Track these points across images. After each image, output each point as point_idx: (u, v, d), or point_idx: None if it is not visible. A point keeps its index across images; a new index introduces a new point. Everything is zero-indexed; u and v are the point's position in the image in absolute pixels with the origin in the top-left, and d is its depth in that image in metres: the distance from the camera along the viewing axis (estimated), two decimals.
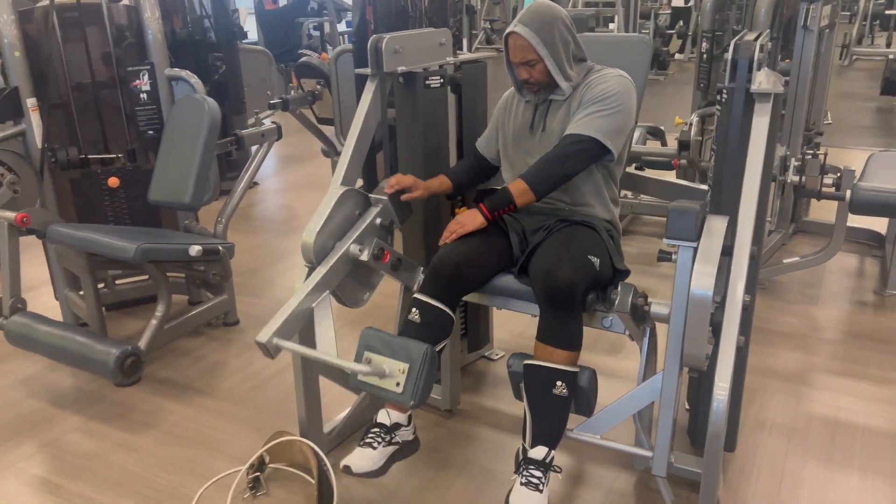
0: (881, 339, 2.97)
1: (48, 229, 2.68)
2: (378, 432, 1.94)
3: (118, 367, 2.46)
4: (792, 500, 2.09)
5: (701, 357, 1.55)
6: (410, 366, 1.76)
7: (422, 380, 1.75)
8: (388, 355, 1.80)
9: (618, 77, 2.00)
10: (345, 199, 2.02)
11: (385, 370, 1.78)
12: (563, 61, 1.99)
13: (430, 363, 1.77)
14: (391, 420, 1.95)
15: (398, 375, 1.76)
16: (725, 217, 1.61)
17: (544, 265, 1.80)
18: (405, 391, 1.75)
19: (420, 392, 1.75)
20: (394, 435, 1.95)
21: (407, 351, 1.78)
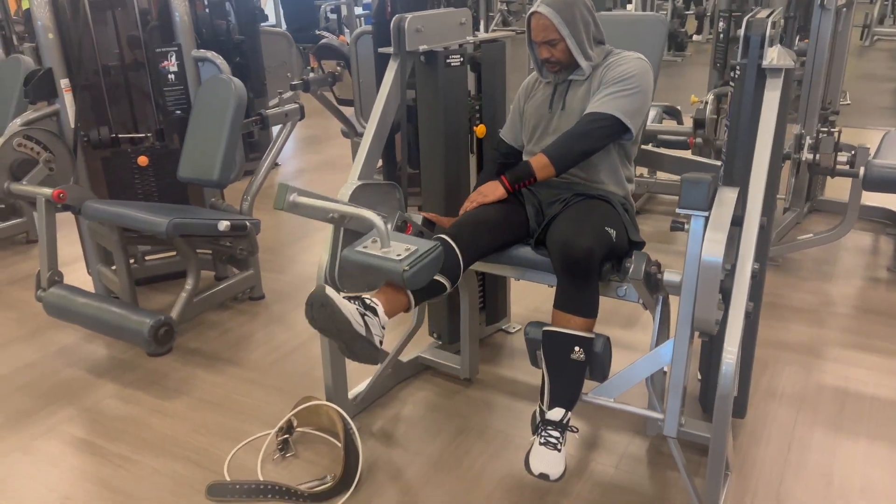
0: (892, 314, 3.02)
1: (83, 205, 2.79)
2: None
3: (152, 336, 2.57)
4: (800, 464, 2.16)
5: (711, 322, 1.63)
6: (417, 248, 1.79)
7: (423, 261, 1.75)
8: (397, 240, 1.83)
9: (637, 59, 2.07)
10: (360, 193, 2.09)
11: (391, 246, 1.79)
12: (584, 41, 2.06)
13: (437, 256, 1.79)
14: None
15: (402, 251, 1.77)
16: (736, 188, 1.68)
17: (563, 235, 1.88)
18: (403, 261, 1.74)
19: (417, 266, 1.73)
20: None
21: (417, 242, 1.82)
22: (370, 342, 1.75)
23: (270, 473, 2.21)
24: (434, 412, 2.49)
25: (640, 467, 2.19)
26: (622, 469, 2.18)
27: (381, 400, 2.56)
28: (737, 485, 2.09)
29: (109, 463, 2.28)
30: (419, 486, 2.13)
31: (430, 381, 2.67)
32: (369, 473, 2.19)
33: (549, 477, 1.83)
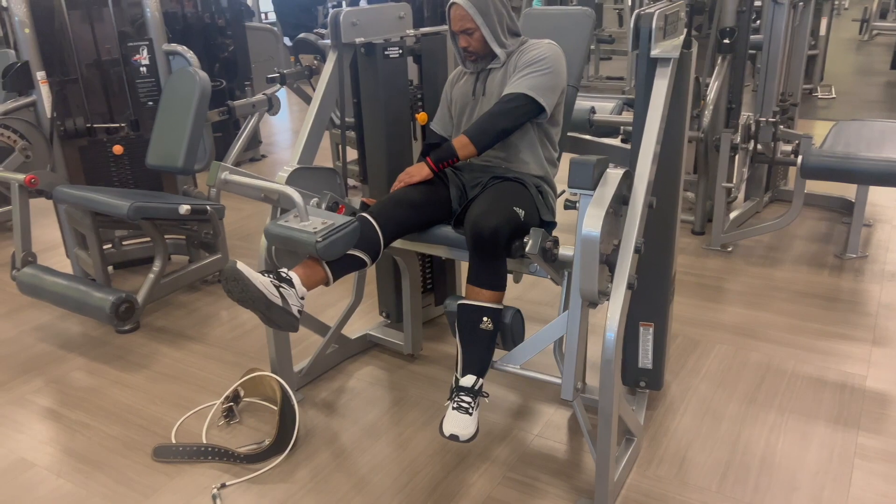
0: (830, 297, 3.13)
1: (54, 190, 2.97)
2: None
3: (113, 312, 2.74)
4: (710, 433, 2.29)
5: (594, 291, 1.75)
6: (333, 222, 1.95)
7: (337, 234, 1.91)
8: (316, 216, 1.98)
9: (548, 44, 2.21)
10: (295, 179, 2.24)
11: (309, 220, 1.94)
12: (498, 31, 2.20)
13: (352, 230, 1.95)
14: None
15: (318, 225, 1.92)
16: (621, 169, 1.80)
17: (473, 215, 2.01)
18: (317, 233, 1.89)
19: (330, 239, 1.89)
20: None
21: (334, 217, 1.97)
22: (286, 311, 1.90)
23: (214, 438, 2.37)
24: (375, 385, 2.63)
25: (560, 434, 2.33)
26: (542, 436, 2.32)
27: (329, 374, 2.72)
28: (646, 451, 2.22)
29: (68, 429, 2.45)
30: (350, 450, 2.28)
31: (376, 357, 2.82)
32: (306, 438, 2.34)
33: (458, 438, 1.97)
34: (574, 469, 2.17)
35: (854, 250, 3.48)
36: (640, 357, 2.34)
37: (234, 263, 1.84)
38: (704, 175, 3.80)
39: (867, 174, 3.01)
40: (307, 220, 1.96)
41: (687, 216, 3.99)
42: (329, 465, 2.22)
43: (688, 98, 2.07)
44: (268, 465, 2.22)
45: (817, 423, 2.31)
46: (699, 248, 3.69)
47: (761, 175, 4.09)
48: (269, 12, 12.00)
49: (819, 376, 2.56)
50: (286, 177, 2.27)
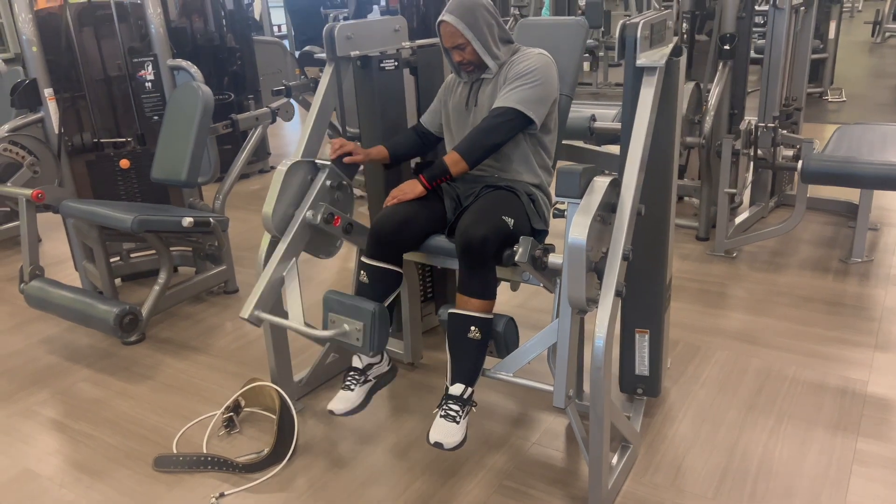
0: (834, 301, 3.11)
1: (61, 204, 3.02)
2: (353, 375, 2.24)
3: (117, 324, 2.78)
4: (708, 439, 2.28)
5: (581, 298, 1.76)
6: (364, 324, 2.10)
7: (375, 333, 2.10)
8: (346, 315, 2.14)
9: (538, 55, 2.22)
10: (294, 170, 2.29)
11: (346, 329, 2.14)
12: (489, 42, 2.22)
13: (380, 319, 2.11)
14: (363, 362, 2.24)
15: (357, 332, 2.12)
16: (609, 177, 1.81)
17: (463, 225, 2.03)
18: (364, 344, 2.11)
19: (376, 342, 2.12)
20: (367, 375, 2.24)
21: (359, 311, 2.11)
22: (388, 378, 2.34)
23: (215, 448, 2.39)
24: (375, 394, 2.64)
25: (557, 442, 2.33)
26: (540, 444, 2.32)
27: (329, 383, 2.74)
28: (642, 458, 2.22)
29: (72, 439, 2.49)
30: (348, 459, 2.30)
31: None
32: (305, 447, 2.36)
33: (443, 446, 1.98)
34: (571, 477, 2.17)
35: (859, 254, 3.46)
36: (636, 364, 2.35)
37: (332, 411, 2.17)
38: (707, 181, 3.79)
39: (868, 178, 2.99)
40: (347, 333, 2.14)
41: (691, 222, 3.99)
42: (326, 473, 2.24)
43: (677, 105, 2.08)
44: (266, 474, 2.24)
45: (816, 429, 2.30)
46: (703, 254, 3.68)
47: (766, 180, 4.08)
48: (280, 24, 12.17)
49: (820, 382, 2.55)
50: (285, 170, 2.30)
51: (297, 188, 2.32)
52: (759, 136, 3.13)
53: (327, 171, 2.33)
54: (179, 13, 5.28)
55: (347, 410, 2.19)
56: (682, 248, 3.76)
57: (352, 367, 2.25)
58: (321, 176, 2.32)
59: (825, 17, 6.74)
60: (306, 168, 2.34)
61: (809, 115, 6.28)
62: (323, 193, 2.33)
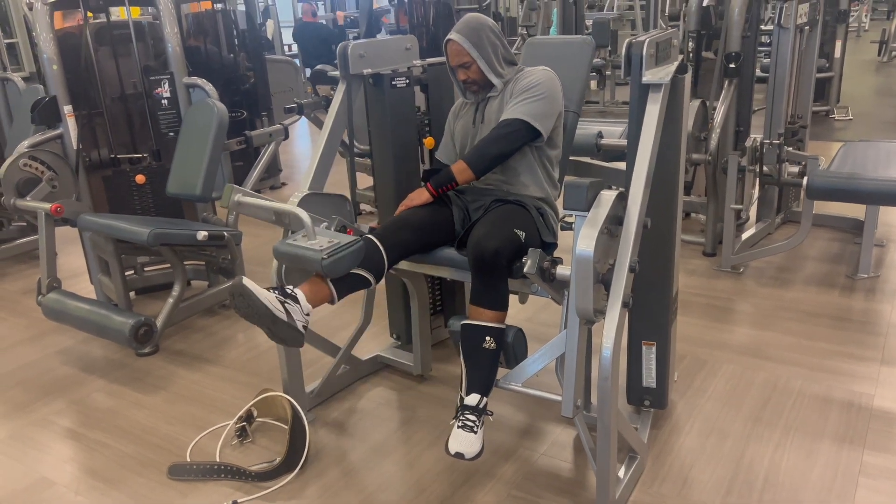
0: (840, 317, 3.13)
1: (79, 218, 3.09)
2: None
3: (133, 335, 2.84)
4: (714, 451, 2.31)
5: (588, 309, 1.80)
6: (338, 241, 2.03)
7: (342, 252, 1.99)
8: None
9: (542, 71, 2.29)
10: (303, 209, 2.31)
11: (316, 239, 2.04)
12: (493, 61, 2.29)
13: (356, 250, 2.03)
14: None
15: (324, 244, 2.01)
16: (615, 191, 1.86)
17: (475, 238, 2.08)
18: (322, 251, 1.98)
19: (335, 256, 1.97)
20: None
21: (341, 237, 2.06)
22: (291, 326, 1.97)
23: (228, 457, 2.43)
24: (385, 405, 2.69)
25: (566, 453, 2.36)
26: (548, 454, 2.35)
27: (340, 394, 2.78)
28: (649, 469, 2.24)
29: (87, 448, 2.53)
30: (359, 468, 2.33)
31: (387, 377, 2.88)
32: (316, 457, 2.40)
33: (464, 456, 2.01)
34: (578, 487, 2.19)
35: (865, 270, 3.48)
36: (643, 376, 2.38)
37: (241, 279, 1.92)
38: (714, 197, 3.83)
39: (873, 194, 3.02)
40: (314, 240, 2.04)
41: (698, 238, 4.02)
42: (338, 482, 2.27)
43: (683, 121, 2.13)
44: (278, 482, 2.27)
45: (823, 442, 2.32)
46: (710, 270, 3.71)
47: (772, 197, 4.11)
48: (291, 44, 12.32)
49: (826, 395, 2.57)
50: (297, 202, 2.35)
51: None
52: (764, 153, 3.17)
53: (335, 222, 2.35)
54: (194, 32, 5.39)
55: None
56: (689, 264, 3.79)
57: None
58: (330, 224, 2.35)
59: (831, 37, 6.80)
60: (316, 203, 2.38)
61: (816, 132, 6.32)
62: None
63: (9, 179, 3.16)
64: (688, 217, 4.40)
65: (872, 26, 15.12)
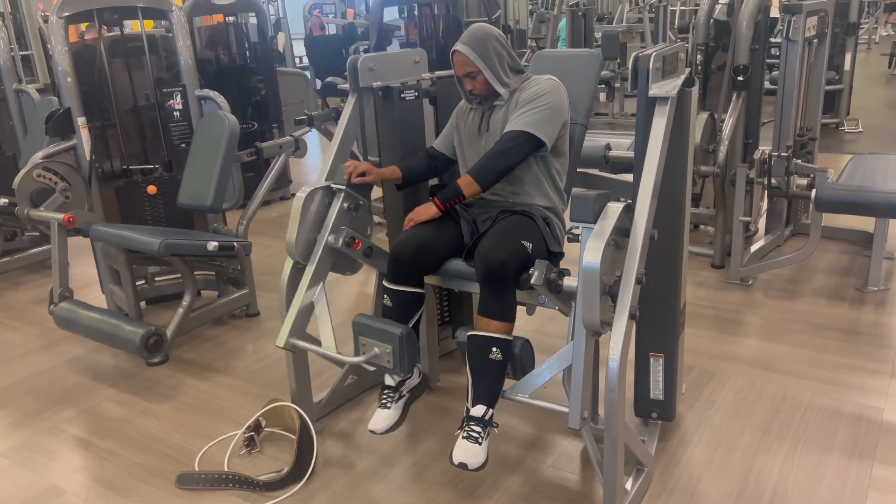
0: (850, 330, 3.12)
1: (91, 228, 3.12)
2: (388, 394, 2.31)
3: (143, 345, 2.86)
4: (722, 463, 2.30)
5: (595, 321, 1.81)
6: (393, 347, 2.19)
7: (405, 354, 2.20)
8: (375, 338, 2.22)
9: (547, 80, 2.31)
10: (312, 197, 2.38)
11: (377, 352, 2.22)
12: (499, 71, 2.31)
13: (408, 340, 2.20)
14: (395, 380, 2.32)
15: (387, 355, 2.20)
16: (622, 203, 1.87)
17: (483, 249, 2.09)
18: (394, 365, 2.20)
19: (406, 363, 2.21)
20: (401, 391, 2.33)
21: (387, 335, 2.19)
22: (418, 392, 2.41)
23: (236, 466, 2.44)
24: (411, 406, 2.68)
25: (573, 465, 2.35)
26: (555, 466, 2.35)
27: (348, 404, 2.79)
28: (657, 482, 2.24)
29: (97, 457, 2.55)
30: (366, 478, 2.34)
31: None
32: (324, 467, 2.41)
33: (467, 466, 2.02)
34: (585, 500, 2.19)
35: (875, 283, 3.47)
36: (651, 388, 2.37)
37: (373, 431, 2.27)
38: (722, 209, 3.83)
39: (883, 207, 3.02)
40: (377, 356, 2.23)
41: (706, 250, 4.02)
42: (345, 492, 2.27)
43: (690, 134, 2.14)
44: (286, 492, 2.28)
45: (832, 455, 2.30)
46: (718, 282, 3.71)
47: (781, 209, 4.11)
48: (302, 57, 12.42)
49: (835, 408, 2.56)
50: (304, 197, 2.38)
51: (316, 213, 2.40)
52: (772, 165, 3.18)
53: (343, 195, 2.40)
54: (206, 45, 5.45)
55: (387, 428, 2.27)
56: (698, 276, 3.79)
57: (385, 386, 2.33)
58: (338, 199, 2.40)
59: (841, 49, 6.80)
60: (323, 193, 2.42)
61: (826, 145, 6.31)
62: (341, 216, 2.41)
63: (23, 190, 3.21)
64: (696, 229, 4.39)
65: (883, 39, 15.08)
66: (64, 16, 3.27)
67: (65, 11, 3.27)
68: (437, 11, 5.50)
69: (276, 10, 12.29)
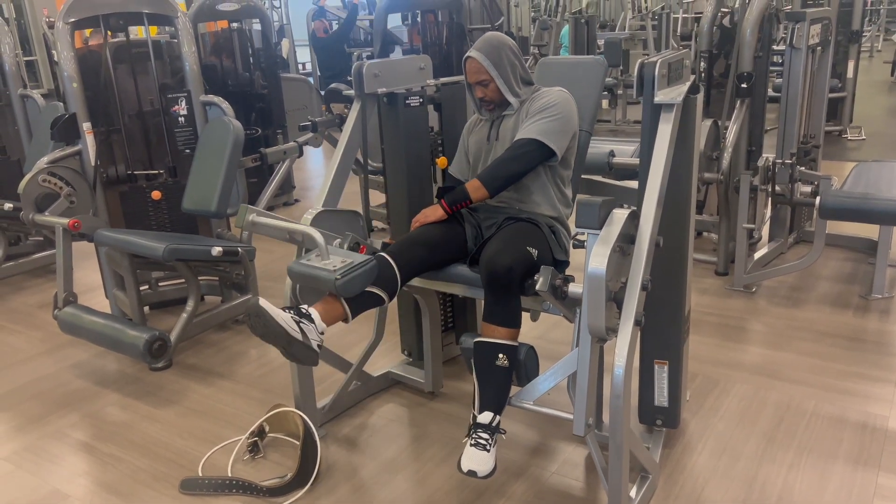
0: (854, 337, 3.11)
1: (95, 233, 3.13)
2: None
3: (147, 350, 2.86)
4: (727, 471, 2.29)
5: (601, 327, 1.80)
6: (352, 260, 2.05)
7: (355, 271, 2.01)
8: None
9: (558, 91, 2.32)
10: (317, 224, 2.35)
11: (329, 259, 2.06)
12: (511, 80, 2.32)
13: (369, 269, 2.05)
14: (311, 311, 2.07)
15: (338, 264, 2.02)
16: (627, 209, 1.87)
17: (488, 255, 2.09)
18: (336, 271, 1.99)
19: (348, 276, 1.99)
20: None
21: (354, 256, 2.09)
22: (306, 345, 1.99)
23: (239, 472, 2.44)
24: (396, 422, 2.69)
25: (577, 472, 2.35)
26: (560, 473, 2.34)
27: (351, 410, 2.78)
28: (661, 489, 2.23)
29: (100, 461, 2.55)
30: (369, 484, 2.34)
31: (398, 394, 2.88)
32: (327, 472, 2.40)
33: (476, 474, 2.02)
34: None
35: (879, 291, 3.46)
36: (655, 395, 2.37)
37: (257, 300, 1.94)
38: (726, 216, 3.83)
39: (887, 214, 3.02)
40: (328, 259, 2.06)
41: (710, 257, 4.01)
42: (349, 498, 2.27)
43: (695, 140, 2.14)
44: (289, 498, 2.28)
45: (836, 463, 2.30)
46: (722, 289, 3.70)
47: (785, 216, 4.10)
48: (306, 63, 12.47)
49: (840, 416, 2.55)
50: (311, 219, 2.38)
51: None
52: (776, 173, 3.18)
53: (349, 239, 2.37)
54: (211, 51, 5.47)
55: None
56: (702, 283, 3.78)
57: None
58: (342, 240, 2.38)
59: (844, 57, 6.81)
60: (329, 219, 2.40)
61: (829, 152, 6.31)
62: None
63: (28, 194, 3.21)
64: (700, 236, 4.39)
65: (885, 46, 15.10)
66: (70, 21, 3.28)
67: (71, 17, 3.28)
68: (440, 18, 5.52)
69: (279, 16, 12.33)
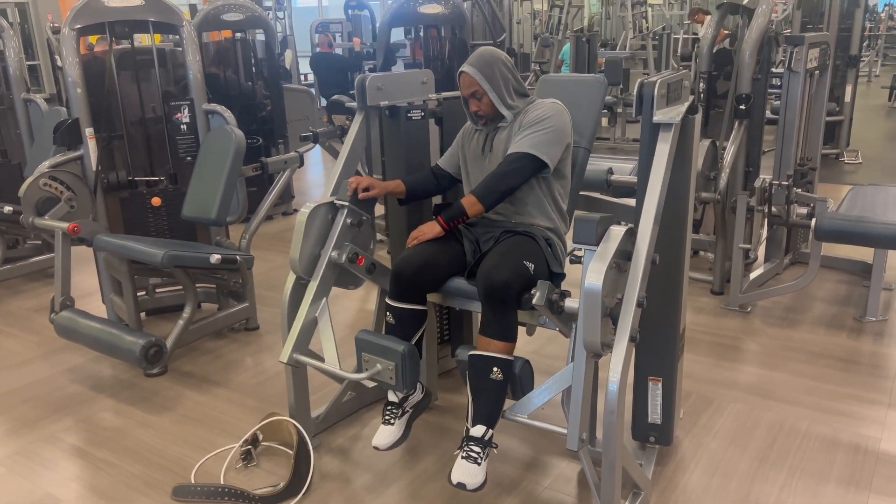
0: (848, 359, 3.13)
1: (95, 238, 3.14)
2: (391, 410, 2.32)
3: (143, 355, 2.86)
4: (719, 490, 2.30)
5: (597, 343, 1.82)
6: (395, 363, 2.20)
7: (407, 371, 2.22)
8: (378, 355, 2.24)
9: (551, 104, 2.35)
10: (316, 213, 2.40)
11: (379, 368, 2.24)
12: (504, 94, 2.35)
13: (410, 357, 2.22)
14: (398, 396, 2.33)
15: (389, 371, 2.22)
16: (624, 226, 1.89)
17: (485, 269, 2.11)
18: (397, 382, 2.22)
19: (408, 379, 2.23)
20: (404, 407, 2.34)
21: (390, 351, 2.21)
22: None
23: (232, 480, 2.44)
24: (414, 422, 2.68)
25: (570, 487, 2.35)
26: (552, 488, 2.35)
27: (346, 420, 2.79)
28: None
29: (93, 466, 2.54)
30: (362, 495, 2.34)
31: None
32: (320, 482, 2.40)
33: (465, 486, 2.02)
34: None
35: (874, 313, 3.48)
36: (649, 412, 2.38)
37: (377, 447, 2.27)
38: (722, 236, 3.86)
39: (882, 238, 3.04)
40: (380, 373, 2.24)
41: (706, 276, 4.03)
42: None
43: (692, 160, 2.16)
44: None
45: (828, 484, 2.31)
46: (717, 308, 3.72)
47: (781, 237, 4.13)
48: (308, 73, 12.53)
49: (833, 437, 2.56)
50: (308, 213, 2.40)
51: (320, 229, 2.43)
52: (773, 194, 3.20)
53: (346, 210, 2.42)
54: (214, 60, 5.50)
55: (391, 444, 2.29)
56: (697, 302, 3.80)
57: (389, 402, 2.34)
58: (341, 215, 2.42)
59: (841, 81, 6.87)
60: (326, 209, 2.44)
61: (826, 175, 6.35)
62: (345, 232, 2.43)
63: (29, 198, 3.23)
64: (696, 255, 4.42)
65: (883, 72, 15.22)
66: (76, 28, 3.31)
67: (77, 23, 3.31)
68: (443, 33, 5.57)
69: (283, 27, 12.41)
